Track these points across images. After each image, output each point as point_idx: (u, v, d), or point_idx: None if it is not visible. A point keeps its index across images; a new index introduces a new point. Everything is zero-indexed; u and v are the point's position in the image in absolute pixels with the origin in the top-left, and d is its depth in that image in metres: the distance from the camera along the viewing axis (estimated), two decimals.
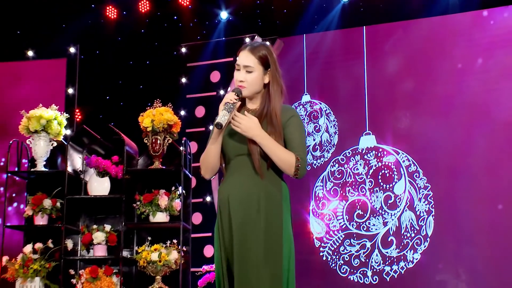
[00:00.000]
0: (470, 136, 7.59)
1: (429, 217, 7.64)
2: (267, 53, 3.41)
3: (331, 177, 8.15)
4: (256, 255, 3.22)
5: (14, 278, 5.60)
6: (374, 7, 8.28)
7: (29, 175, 5.85)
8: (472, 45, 7.76)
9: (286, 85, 8.33)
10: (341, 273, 7.90)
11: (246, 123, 3.22)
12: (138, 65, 9.08)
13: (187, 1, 8.75)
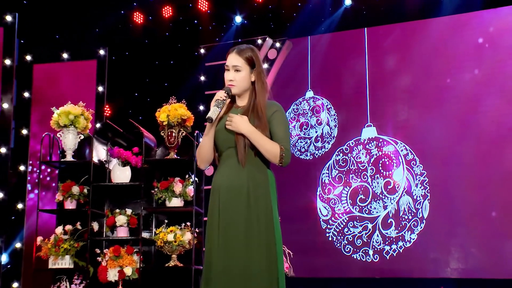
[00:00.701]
0: (463, 127, 7.52)
1: (424, 201, 7.59)
2: (253, 54, 3.40)
3: (336, 165, 8.12)
4: (241, 240, 3.22)
5: (47, 256, 5.60)
6: (375, 10, 8.23)
7: (60, 165, 5.83)
8: (463, 44, 7.68)
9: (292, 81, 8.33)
10: (345, 252, 7.89)
11: (237, 121, 3.25)
12: (163, 64, 9.11)
13: (206, 7, 8.75)
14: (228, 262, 3.19)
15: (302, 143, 8.37)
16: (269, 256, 3.25)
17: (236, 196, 3.26)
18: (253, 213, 3.25)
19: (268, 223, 3.28)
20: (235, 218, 3.24)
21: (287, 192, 8.29)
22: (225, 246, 3.22)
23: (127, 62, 8.96)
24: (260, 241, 3.24)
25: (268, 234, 3.28)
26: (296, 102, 8.51)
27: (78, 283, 5.61)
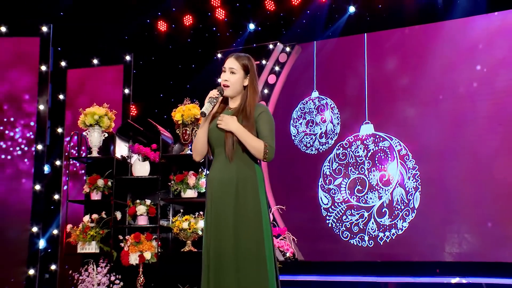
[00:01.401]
0: (455, 123, 7.47)
1: (416, 192, 7.57)
2: (248, 63, 3.42)
3: (336, 159, 8.10)
4: (230, 227, 3.25)
5: (76, 242, 5.62)
6: (374, 17, 8.16)
7: (87, 160, 5.86)
8: (455, 47, 7.63)
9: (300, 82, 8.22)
10: (343, 238, 7.88)
11: (227, 120, 3.29)
12: (185, 68, 9.13)
13: (223, 15, 8.74)
14: (219, 248, 3.23)
15: (308, 139, 8.35)
16: (257, 240, 3.28)
17: (226, 188, 3.29)
18: (241, 203, 3.29)
19: (256, 211, 3.29)
20: (225, 207, 3.29)
21: (294, 184, 8.32)
22: (216, 233, 3.27)
23: (153, 66, 8.98)
24: (248, 227, 3.27)
25: (256, 222, 3.29)
26: (302, 101, 8.48)
27: (103, 266, 5.62)
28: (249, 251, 3.22)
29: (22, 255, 6.69)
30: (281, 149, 8.45)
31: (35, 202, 6.70)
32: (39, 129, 6.87)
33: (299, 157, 8.34)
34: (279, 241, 5.73)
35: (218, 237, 3.25)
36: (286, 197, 8.24)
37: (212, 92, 3.34)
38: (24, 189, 6.78)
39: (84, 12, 7.90)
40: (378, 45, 8.11)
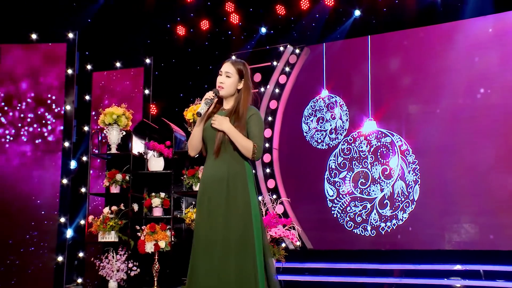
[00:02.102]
0: (453, 120, 7.43)
1: (415, 185, 7.54)
2: (243, 68, 3.45)
3: (341, 153, 8.08)
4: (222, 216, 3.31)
5: (96, 231, 5.72)
6: (379, 20, 8.10)
7: (106, 156, 5.98)
8: (455, 47, 7.54)
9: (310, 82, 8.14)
10: (347, 228, 7.87)
11: (220, 121, 3.34)
12: (203, 69, 9.14)
13: (237, 20, 8.75)
14: (210, 236, 3.30)
15: (319, 135, 8.31)
16: (245, 229, 3.37)
17: (218, 182, 3.38)
18: (232, 196, 3.38)
19: (245, 203, 3.37)
20: (217, 200, 3.39)
21: (305, 178, 8.31)
22: (209, 222, 3.32)
23: (174, 68, 9.01)
24: (237, 218, 3.35)
25: (245, 213, 3.38)
26: (313, 99, 8.45)
27: (122, 254, 5.73)
28: (238, 239, 3.28)
29: (52, 243, 6.76)
30: (293, 145, 8.49)
31: (63, 195, 6.82)
32: (66, 128, 6.96)
33: (310, 152, 8.33)
34: (284, 231, 5.70)
35: (209, 226, 3.31)
36: (298, 190, 8.24)
37: (208, 94, 3.39)
38: (53, 183, 6.85)
39: (108, 19, 7.97)
40: (381, 47, 8.07)
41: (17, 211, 6.72)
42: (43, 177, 6.86)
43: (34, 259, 6.69)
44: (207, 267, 3.26)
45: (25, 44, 7.03)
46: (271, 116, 8.59)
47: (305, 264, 7.59)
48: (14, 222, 6.68)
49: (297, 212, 8.18)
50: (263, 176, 8.47)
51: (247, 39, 9.02)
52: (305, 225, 8.09)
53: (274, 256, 5.69)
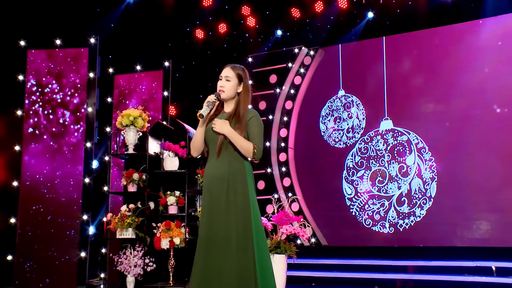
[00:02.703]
0: (467, 118, 7.40)
1: (432, 182, 7.47)
2: (242, 73, 3.52)
3: (358, 152, 8.08)
4: (223, 213, 3.37)
5: (115, 228, 5.77)
6: (392, 21, 8.09)
7: (124, 156, 6.07)
8: (468, 48, 7.49)
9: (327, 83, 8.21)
10: (366, 225, 7.86)
11: (220, 124, 3.40)
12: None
13: (253, 23, 8.81)
14: (213, 230, 3.36)
15: (336, 134, 8.34)
16: (245, 226, 3.39)
17: (219, 181, 3.43)
18: (232, 194, 3.42)
19: (244, 201, 3.42)
20: (218, 197, 3.43)
21: (322, 176, 8.33)
22: (211, 219, 3.38)
23: (193, 69, 9.12)
24: (237, 213, 3.40)
25: (244, 210, 3.42)
26: (330, 100, 8.48)
27: (139, 250, 5.80)
28: (239, 236, 3.33)
29: (75, 240, 6.90)
30: (310, 144, 8.53)
31: (85, 193, 6.91)
32: (87, 129, 7.05)
33: (328, 151, 8.36)
34: (295, 228, 5.77)
35: (212, 223, 3.37)
36: (315, 189, 8.29)
37: (210, 97, 3.46)
38: (76, 182, 7.00)
39: (129, 24, 8.11)
40: (395, 47, 8.04)
41: (44, 209, 6.82)
42: (66, 176, 6.94)
43: (59, 254, 6.74)
44: (210, 263, 3.34)
45: (50, 49, 7.22)
46: (286, 116, 8.65)
47: (319, 260, 7.57)
48: (41, 219, 6.75)
49: (312, 210, 8.22)
50: (279, 174, 8.53)
51: (263, 42, 9.07)
52: (320, 223, 8.13)
53: (285, 253, 5.75)
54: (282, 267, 5.75)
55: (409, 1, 7.90)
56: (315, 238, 8.09)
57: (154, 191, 5.98)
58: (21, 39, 7.10)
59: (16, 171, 6.86)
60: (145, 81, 7.89)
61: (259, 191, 8.39)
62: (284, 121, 8.63)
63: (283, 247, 5.77)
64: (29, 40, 7.16)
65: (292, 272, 6.96)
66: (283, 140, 8.61)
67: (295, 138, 8.64)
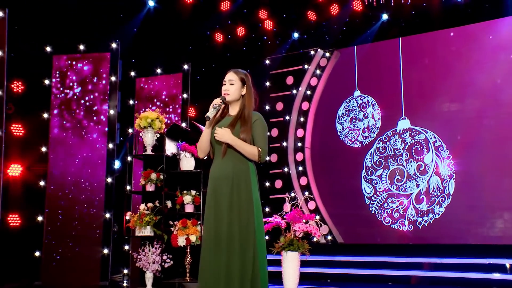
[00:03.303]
0: (482, 117, 7.34)
1: (450, 180, 7.43)
2: (244, 76, 3.60)
3: (377, 152, 8.08)
4: (226, 212, 3.44)
5: (134, 226, 5.84)
6: (407, 23, 8.06)
7: (142, 157, 6.12)
8: (482, 48, 7.43)
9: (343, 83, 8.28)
10: (385, 223, 7.85)
11: (221, 133, 3.49)
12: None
13: (271, 26, 8.86)
14: (216, 228, 3.42)
15: (352, 134, 8.35)
16: (247, 224, 3.43)
17: (224, 181, 3.49)
18: (236, 193, 3.47)
19: (248, 201, 3.47)
20: (223, 197, 3.48)
21: (339, 175, 8.34)
22: (215, 217, 3.43)
23: (214, 72, 9.20)
24: (240, 213, 3.45)
25: (248, 209, 3.48)
26: (346, 100, 8.49)
27: (157, 247, 5.85)
28: (240, 233, 3.39)
29: (98, 237, 7.02)
30: (326, 144, 8.56)
31: (107, 193, 7.04)
32: (110, 131, 7.17)
33: (344, 151, 8.37)
34: (307, 226, 5.81)
35: (217, 221, 3.44)
36: (333, 188, 8.31)
37: (216, 100, 3.53)
38: (99, 181, 7.15)
39: (150, 29, 8.24)
40: (411, 48, 8.01)
41: (68, 207, 6.94)
42: (90, 176, 7.04)
43: (83, 251, 6.87)
44: (215, 259, 3.43)
45: (74, 55, 7.41)
46: (303, 117, 8.70)
47: (335, 257, 7.57)
48: (66, 217, 6.90)
49: (328, 208, 8.25)
50: (296, 173, 8.58)
51: (281, 44, 9.11)
52: (336, 221, 8.16)
53: (298, 250, 5.80)
54: (295, 264, 5.78)
55: (424, 2, 7.87)
56: (331, 235, 8.11)
57: (171, 190, 6.02)
58: (47, 45, 7.26)
59: (43, 172, 7.00)
60: (166, 84, 8.02)
61: (276, 189, 8.46)
62: (301, 121, 8.68)
63: (296, 245, 5.81)
64: (55, 46, 7.31)
65: (308, 269, 7.00)
66: (299, 140, 8.65)
67: (311, 138, 8.68)
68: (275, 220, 5.96)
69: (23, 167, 7.04)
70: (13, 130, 6.97)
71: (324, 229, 8.22)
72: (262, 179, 8.95)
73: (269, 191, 8.62)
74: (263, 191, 8.67)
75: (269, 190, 8.62)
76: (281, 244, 5.85)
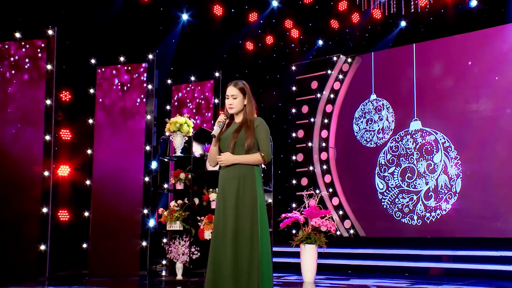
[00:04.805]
0: (490, 119, 7.28)
1: (457, 179, 7.36)
2: (244, 86, 3.68)
3: (389, 151, 8.07)
4: (233, 210, 3.56)
5: (165, 221, 5.99)
6: (424, 29, 8.01)
7: (172, 158, 6.28)
8: (492, 52, 7.30)
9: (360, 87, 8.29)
10: (396, 217, 7.85)
11: (225, 159, 3.60)
12: (272, 78, 9.40)
13: (297, 34, 8.92)
14: (224, 224, 3.56)
15: (368, 135, 8.36)
16: (251, 221, 3.53)
17: (232, 181, 3.62)
18: (241, 193, 3.58)
19: (252, 200, 3.58)
20: (230, 196, 3.62)
21: (357, 173, 8.35)
22: (223, 214, 3.55)
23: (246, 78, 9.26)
24: (245, 211, 3.57)
25: (252, 207, 3.58)
26: (363, 103, 8.51)
27: (186, 240, 6.02)
28: (245, 229, 3.50)
29: (137, 231, 7.23)
30: (347, 144, 8.58)
31: (145, 191, 7.26)
32: (147, 134, 7.39)
33: (360, 150, 8.38)
34: (323, 221, 5.87)
35: (224, 218, 3.57)
36: (351, 184, 8.34)
37: (220, 117, 3.64)
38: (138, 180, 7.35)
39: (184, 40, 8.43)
40: (424, 53, 7.99)
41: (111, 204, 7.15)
42: (130, 175, 7.28)
43: (124, 243, 7.12)
44: (222, 252, 3.56)
45: (115, 66, 7.65)
46: (327, 119, 8.74)
47: (356, 249, 7.65)
48: (109, 213, 7.13)
49: (351, 204, 8.28)
50: (320, 172, 8.64)
51: (307, 50, 9.24)
52: (358, 216, 8.17)
53: (315, 243, 5.87)
54: (312, 256, 5.87)
55: (442, 9, 7.77)
56: (354, 229, 8.13)
57: (199, 188, 6.17)
58: (91, 58, 7.55)
59: (88, 172, 7.28)
60: (199, 90, 8.19)
61: (303, 187, 8.53)
62: (325, 123, 8.73)
63: (313, 238, 5.89)
64: (98, 58, 7.59)
65: (331, 261, 7.07)
66: (324, 141, 8.70)
67: (335, 139, 8.72)
68: (294, 215, 6.05)
69: (71, 168, 7.29)
70: (62, 135, 7.22)
71: (347, 223, 8.23)
72: (289, 177, 9.03)
73: (295, 188, 8.69)
74: (290, 188, 8.75)
75: (296, 187, 8.69)
76: (299, 237, 5.94)
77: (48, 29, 6.85)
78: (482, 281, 6.09)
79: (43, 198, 6.60)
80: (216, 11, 8.48)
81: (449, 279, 6.35)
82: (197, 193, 6.16)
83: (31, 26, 6.90)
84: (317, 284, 5.93)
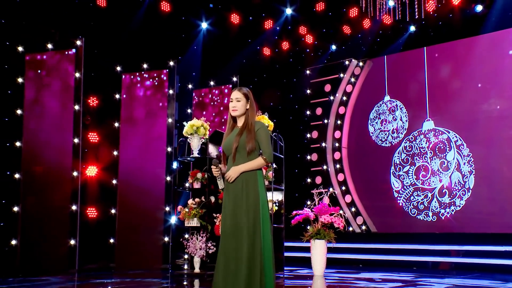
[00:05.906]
0: (500, 118, 7.15)
1: (470, 175, 7.27)
2: (247, 93, 3.74)
3: (404, 150, 8.02)
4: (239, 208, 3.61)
5: (183, 218, 6.09)
6: (434, 32, 7.95)
7: (190, 159, 6.31)
8: (503, 55, 7.18)
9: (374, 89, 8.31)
10: (411, 214, 7.79)
11: (233, 173, 3.64)
12: (288, 81, 9.47)
13: (311, 40, 8.96)
14: (230, 221, 3.63)
15: (382, 135, 8.33)
16: (254, 216, 3.61)
17: (236, 183, 3.66)
18: (245, 192, 3.65)
19: (255, 199, 3.64)
20: (235, 194, 3.66)
21: (371, 172, 8.34)
22: (231, 211, 3.65)
23: (264, 81, 9.40)
24: (249, 207, 3.62)
25: (255, 204, 3.64)
26: (377, 104, 8.48)
27: (203, 236, 6.13)
28: (249, 226, 3.60)
29: (160, 227, 7.37)
30: (360, 144, 8.59)
31: (167, 189, 7.40)
32: (168, 136, 7.54)
33: (375, 150, 8.37)
34: (332, 218, 5.92)
35: (230, 215, 3.67)
36: (364, 182, 8.33)
37: (213, 171, 3.70)
38: (160, 180, 7.52)
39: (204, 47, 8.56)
40: (435, 56, 7.91)
41: (136, 201, 7.30)
42: (153, 175, 7.41)
43: (148, 239, 7.26)
44: (227, 246, 3.67)
45: (139, 72, 7.84)
46: (339, 120, 8.76)
47: (367, 244, 7.64)
48: (134, 210, 7.29)
49: (363, 201, 8.27)
50: (334, 171, 8.65)
51: (322, 55, 9.23)
52: (370, 212, 8.16)
53: (324, 238, 5.92)
54: (322, 250, 5.92)
55: (450, 14, 7.72)
56: (366, 226, 8.13)
57: (214, 187, 6.25)
58: (117, 65, 7.75)
59: (114, 172, 7.44)
60: (218, 94, 8.30)
61: (317, 185, 8.56)
62: (338, 124, 8.75)
63: (322, 233, 5.94)
64: (123, 66, 7.79)
65: (343, 255, 7.10)
66: (337, 141, 8.72)
67: (348, 139, 8.73)
68: (305, 212, 6.12)
69: (98, 168, 7.49)
70: (90, 137, 7.43)
71: (359, 219, 8.24)
72: (304, 176, 9.07)
73: (310, 187, 8.74)
74: (305, 187, 8.80)
75: (310, 186, 8.74)
76: (309, 233, 6.00)
77: (77, 40, 7.08)
78: (486, 275, 6.04)
79: (73, 197, 6.81)
80: (233, 20, 8.60)
81: (455, 273, 6.31)
82: (213, 191, 6.28)
83: (61, 37, 7.14)
84: (326, 277, 5.98)
